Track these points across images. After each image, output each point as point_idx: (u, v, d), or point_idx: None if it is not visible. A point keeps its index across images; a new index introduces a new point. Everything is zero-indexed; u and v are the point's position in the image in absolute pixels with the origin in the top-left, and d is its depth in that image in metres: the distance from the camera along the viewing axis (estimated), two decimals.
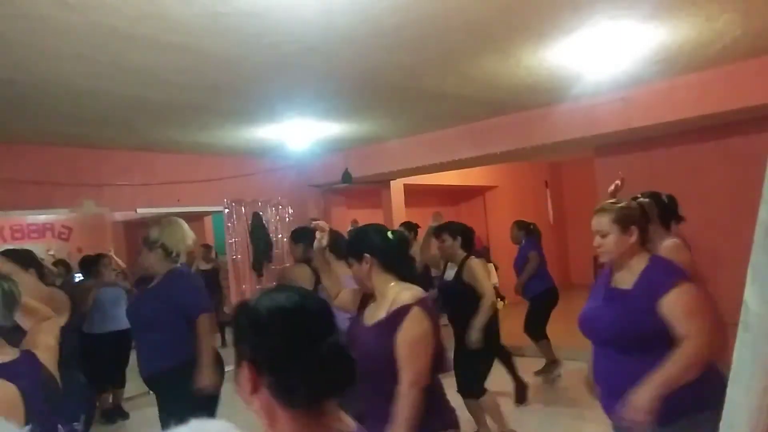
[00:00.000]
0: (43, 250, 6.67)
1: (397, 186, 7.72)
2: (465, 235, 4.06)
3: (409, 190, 7.94)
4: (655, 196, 2.91)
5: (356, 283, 2.20)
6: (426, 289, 2.14)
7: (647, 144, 5.66)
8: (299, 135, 5.47)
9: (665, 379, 1.90)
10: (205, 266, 7.46)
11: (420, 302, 1.95)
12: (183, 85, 3.75)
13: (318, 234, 2.34)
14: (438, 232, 4.11)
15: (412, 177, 7.52)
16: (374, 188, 7.72)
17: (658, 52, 3.80)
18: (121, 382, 5.22)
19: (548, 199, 10.05)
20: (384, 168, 6.69)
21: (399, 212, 7.64)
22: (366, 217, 7.79)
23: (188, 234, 3.18)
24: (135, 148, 5.79)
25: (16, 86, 3.52)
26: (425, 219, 4.79)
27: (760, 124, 4.80)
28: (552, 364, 5.35)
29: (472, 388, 3.80)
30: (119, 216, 6.34)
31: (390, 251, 2.08)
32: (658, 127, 4.94)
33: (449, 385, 2.53)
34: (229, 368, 2.65)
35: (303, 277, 3.74)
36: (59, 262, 5.77)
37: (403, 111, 5.13)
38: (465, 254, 3.99)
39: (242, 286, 6.82)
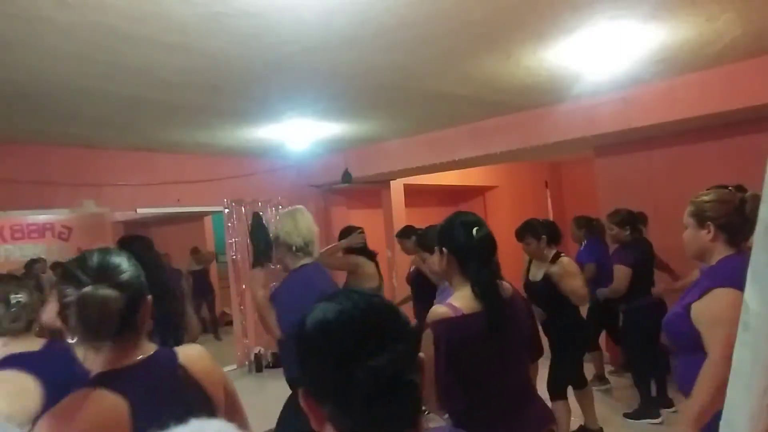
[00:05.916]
0: (44, 251, 6.65)
1: (397, 186, 7.71)
2: (549, 232, 3.95)
3: (409, 190, 7.94)
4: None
5: (429, 274, 2.07)
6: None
7: (647, 144, 5.66)
8: (299, 135, 5.46)
9: (697, 408, 1.73)
10: (196, 267, 8.49)
11: (435, 324, 1.77)
12: (183, 85, 3.74)
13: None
14: (521, 234, 3.97)
15: (412, 177, 7.51)
16: (374, 188, 7.71)
17: (658, 52, 3.80)
18: None
19: (548, 199, 10.05)
20: (384, 168, 6.68)
21: (399, 212, 7.64)
22: (366, 217, 7.78)
23: (294, 225, 2.81)
24: (135, 148, 5.79)
25: (15, 86, 3.52)
26: (425, 219, 4.74)
27: (760, 124, 4.79)
28: (601, 379, 5.38)
29: (556, 389, 3.79)
30: (119, 216, 6.33)
31: (466, 250, 1.91)
32: (658, 127, 4.94)
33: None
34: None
35: None
36: (56, 266, 5.76)
37: (403, 111, 5.13)
38: (555, 252, 3.89)
39: (242, 286, 6.84)
